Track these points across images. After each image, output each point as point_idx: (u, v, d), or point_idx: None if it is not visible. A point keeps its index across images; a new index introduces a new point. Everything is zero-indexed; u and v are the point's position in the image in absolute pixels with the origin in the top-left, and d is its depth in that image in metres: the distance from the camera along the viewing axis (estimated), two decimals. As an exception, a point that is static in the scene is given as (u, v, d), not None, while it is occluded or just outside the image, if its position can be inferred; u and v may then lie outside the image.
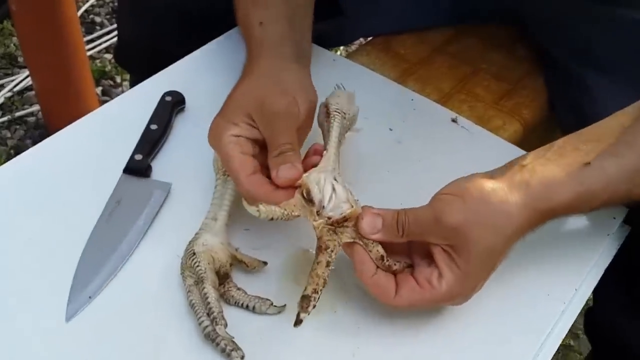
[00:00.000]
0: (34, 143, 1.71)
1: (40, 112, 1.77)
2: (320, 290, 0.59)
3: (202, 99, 0.83)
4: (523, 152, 0.80)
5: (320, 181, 0.61)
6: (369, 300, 0.65)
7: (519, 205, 0.60)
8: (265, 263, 0.68)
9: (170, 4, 0.91)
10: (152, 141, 0.76)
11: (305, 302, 0.59)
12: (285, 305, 0.64)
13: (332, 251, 0.60)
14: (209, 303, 0.62)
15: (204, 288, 0.63)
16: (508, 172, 0.62)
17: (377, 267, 0.61)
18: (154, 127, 0.77)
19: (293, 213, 0.60)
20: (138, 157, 0.74)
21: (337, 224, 0.60)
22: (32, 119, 1.79)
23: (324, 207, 0.60)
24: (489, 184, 0.61)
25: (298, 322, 0.59)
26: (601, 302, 0.80)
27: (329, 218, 0.60)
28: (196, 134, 0.78)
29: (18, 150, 1.68)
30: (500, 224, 0.60)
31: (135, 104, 0.82)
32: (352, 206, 0.61)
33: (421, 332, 0.65)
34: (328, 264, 0.60)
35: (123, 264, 0.67)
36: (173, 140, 0.79)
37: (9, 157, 1.65)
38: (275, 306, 0.64)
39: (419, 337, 0.65)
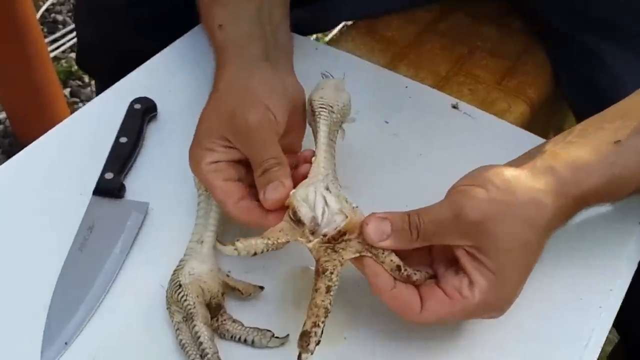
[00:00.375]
0: (4, 153, 1.64)
1: (7, 120, 1.68)
2: (323, 322, 0.51)
3: (175, 103, 0.76)
4: (533, 135, 0.74)
5: (309, 196, 0.54)
6: (383, 322, 0.58)
7: (548, 192, 0.53)
8: (261, 288, 0.61)
9: (132, 1, 0.82)
10: (123, 156, 0.69)
11: (305, 339, 0.50)
12: (288, 335, 0.57)
13: (331, 273, 0.52)
14: (201, 343, 0.55)
15: (194, 326, 0.56)
16: (529, 160, 0.56)
17: (395, 279, 0.54)
18: (123, 140, 0.70)
19: (279, 240, 0.53)
20: (109, 175, 0.67)
21: (334, 240, 0.53)
22: None
23: (319, 224, 0.53)
24: (512, 172, 0.54)
25: None
26: (633, 294, 0.73)
27: (324, 235, 0.53)
28: (171, 145, 0.72)
29: (-13, 162, 1.59)
30: (531, 214, 0.52)
31: (101, 116, 0.74)
32: (347, 216, 0.53)
33: (443, 352, 0.58)
34: (329, 289, 0.51)
35: (101, 301, 0.60)
36: (146, 154, 0.71)
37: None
38: (277, 337, 0.57)
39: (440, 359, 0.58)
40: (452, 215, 0.52)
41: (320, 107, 0.60)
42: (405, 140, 0.74)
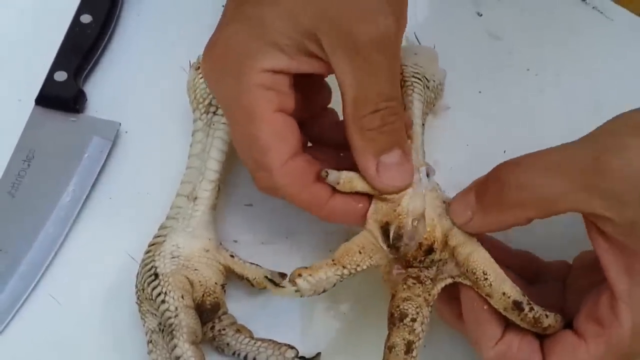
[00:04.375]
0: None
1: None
2: None
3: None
4: None
5: (419, 205, 0.37)
6: None
7: None
8: (283, 275, 0.40)
9: None
10: (84, 47, 0.50)
11: None
12: (319, 354, 0.41)
13: (413, 321, 0.35)
14: None
15: (175, 346, 0.37)
16: None
17: (505, 326, 0.36)
18: (86, 19, 0.51)
19: (359, 268, 0.37)
20: (60, 76, 0.49)
21: (418, 263, 0.37)
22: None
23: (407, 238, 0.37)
24: None
25: None
26: None
27: (405, 255, 0.37)
28: (159, 32, 0.52)
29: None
30: None
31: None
32: (431, 220, 0.37)
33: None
34: (410, 347, 0.35)
35: (37, 280, 0.43)
36: (120, 44, 0.52)
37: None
38: (302, 358, 0.40)
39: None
40: (592, 160, 0.33)
41: (415, 77, 0.45)
42: (506, 45, 0.54)
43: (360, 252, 0.36)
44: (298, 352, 0.40)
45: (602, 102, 0.51)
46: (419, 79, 0.45)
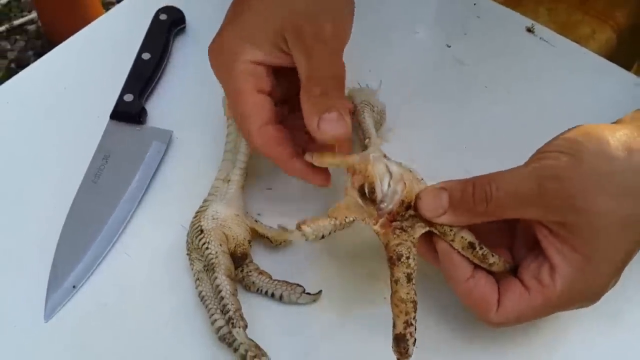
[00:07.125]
0: (36, 54, 1.57)
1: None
2: (414, 318, 0.43)
3: (206, 14, 0.66)
4: (620, 69, 0.65)
5: (382, 170, 0.47)
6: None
7: None
8: None
9: None
10: (145, 76, 0.61)
11: (402, 345, 0.43)
12: (320, 291, 0.52)
13: (408, 258, 0.44)
14: (222, 298, 0.49)
15: (215, 278, 0.49)
16: (637, 117, 0.46)
17: (474, 270, 0.46)
18: (146, 56, 0.62)
19: (347, 220, 0.46)
20: (128, 97, 0.60)
21: (400, 217, 0.46)
22: (32, 27, 1.62)
23: (384, 200, 0.46)
24: (609, 133, 0.44)
25: None
26: None
27: (389, 213, 0.46)
28: (200, 63, 0.60)
29: (20, 62, 1.53)
30: (635, 184, 0.43)
31: (122, 27, 0.66)
32: (405, 184, 0.46)
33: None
34: (409, 277, 0.44)
35: (114, 240, 0.54)
36: (171, 73, 0.63)
37: (10, 72, 1.50)
38: (308, 294, 0.51)
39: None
40: (536, 186, 0.43)
41: (364, 103, 0.57)
42: (470, 69, 0.65)
43: (346, 209, 0.46)
44: (305, 289, 0.51)
45: (544, 112, 0.60)
46: (367, 104, 0.56)
